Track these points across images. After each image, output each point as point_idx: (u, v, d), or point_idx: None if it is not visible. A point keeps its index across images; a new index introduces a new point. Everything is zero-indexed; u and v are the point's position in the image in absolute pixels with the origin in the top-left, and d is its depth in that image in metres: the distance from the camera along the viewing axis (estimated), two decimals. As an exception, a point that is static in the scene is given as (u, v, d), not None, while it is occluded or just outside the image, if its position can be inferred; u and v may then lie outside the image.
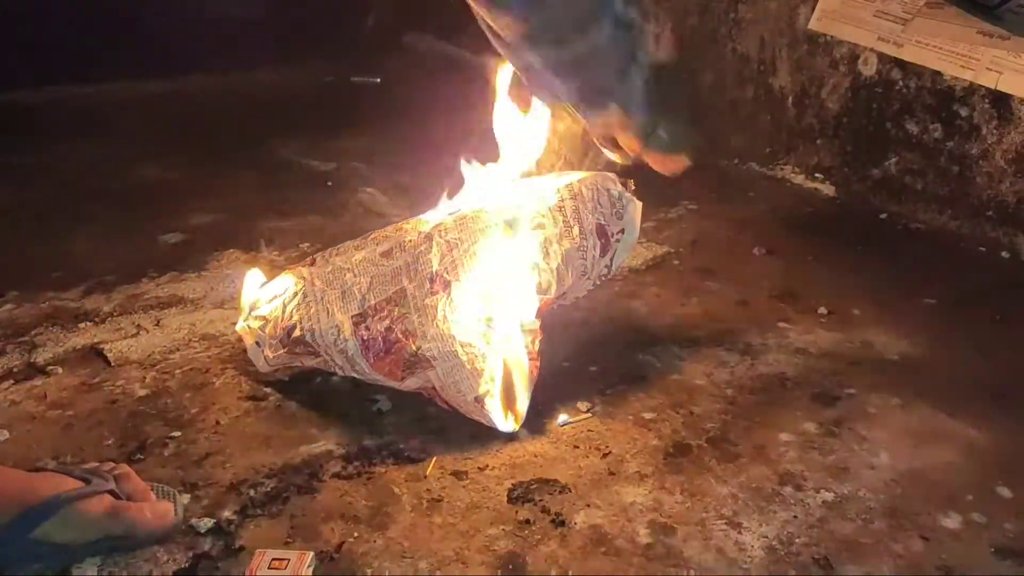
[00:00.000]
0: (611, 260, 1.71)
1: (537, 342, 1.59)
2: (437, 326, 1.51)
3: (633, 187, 1.72)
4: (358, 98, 3.85)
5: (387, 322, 1.53)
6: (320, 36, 4.09)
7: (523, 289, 1.58)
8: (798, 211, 2.72)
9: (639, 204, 1.73)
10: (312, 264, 1.67)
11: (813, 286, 2.18)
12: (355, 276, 1.60)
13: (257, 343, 1.65)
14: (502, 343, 1.54)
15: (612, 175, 1.73)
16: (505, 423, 1.53)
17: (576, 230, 1.63)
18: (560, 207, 1.65)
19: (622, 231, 1.70)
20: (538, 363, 1.59)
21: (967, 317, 2.04)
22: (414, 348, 1.52)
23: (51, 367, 1.72)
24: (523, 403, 1.56)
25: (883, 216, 2.66)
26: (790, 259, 2.35)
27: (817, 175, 2.90)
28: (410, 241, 1.63)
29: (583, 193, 1.67)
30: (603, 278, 1.73)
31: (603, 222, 1.67)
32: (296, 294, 1.61)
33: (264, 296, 1.67)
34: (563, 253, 1.61)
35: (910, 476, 1.48)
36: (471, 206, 1.71)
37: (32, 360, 1.75)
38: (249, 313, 1.67)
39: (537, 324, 1.59)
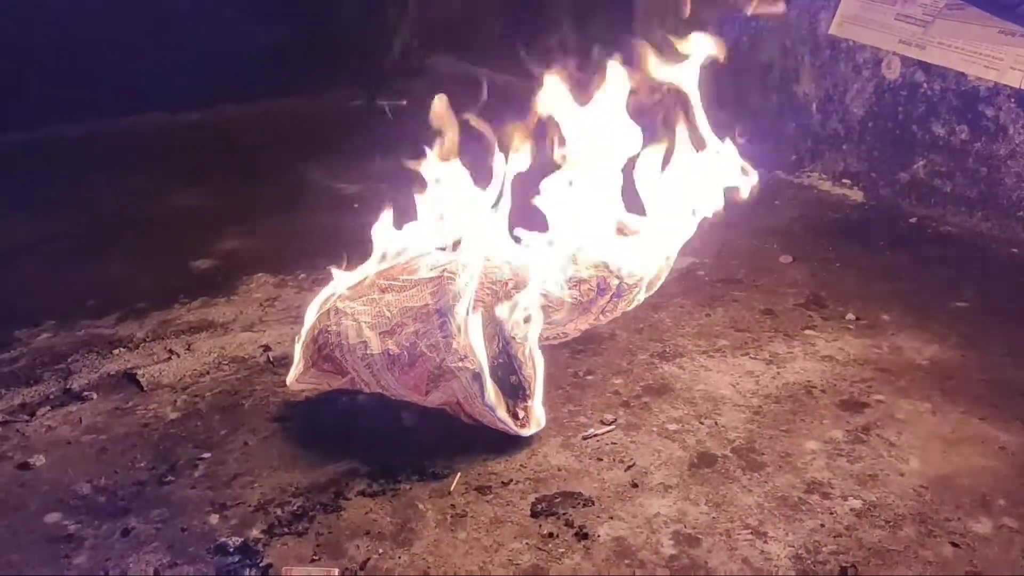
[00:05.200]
0: (615, 298, 1.74)
1: None
2: (461, 340, 1.53)
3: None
4: (385, 121, 3.90)
5: (413, 337, 1.56)
6: (347, 61, 4.15)
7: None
8: (825, 217, 2.70)
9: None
10: (354, 286, 1.70)
11: (841, 292, 2.16)
12: (385, 295, 1.63)
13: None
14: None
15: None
16: (521, 429, 1.55)
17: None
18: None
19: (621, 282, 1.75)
20: None
21: (999, 319, 2.00)
22: (439, 360, 1.53)
23: (86, 393, 1.77)
24: (539, 409, 1.58)
25: (912, 220, 2.63)
26: (817, 266, 2.33)
27: (844, 180, 2.87)
28: (440, 265, 1.65)
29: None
30: (607, 314, 1.76)
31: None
32: (330, 311, 1.63)
33: (312, 311, 1.70)
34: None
35: (940, 482, 1.46)
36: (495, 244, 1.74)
37: (68, 386, 1.79)
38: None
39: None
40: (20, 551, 1.34)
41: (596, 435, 1.59)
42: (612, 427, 1.62)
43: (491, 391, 1.51)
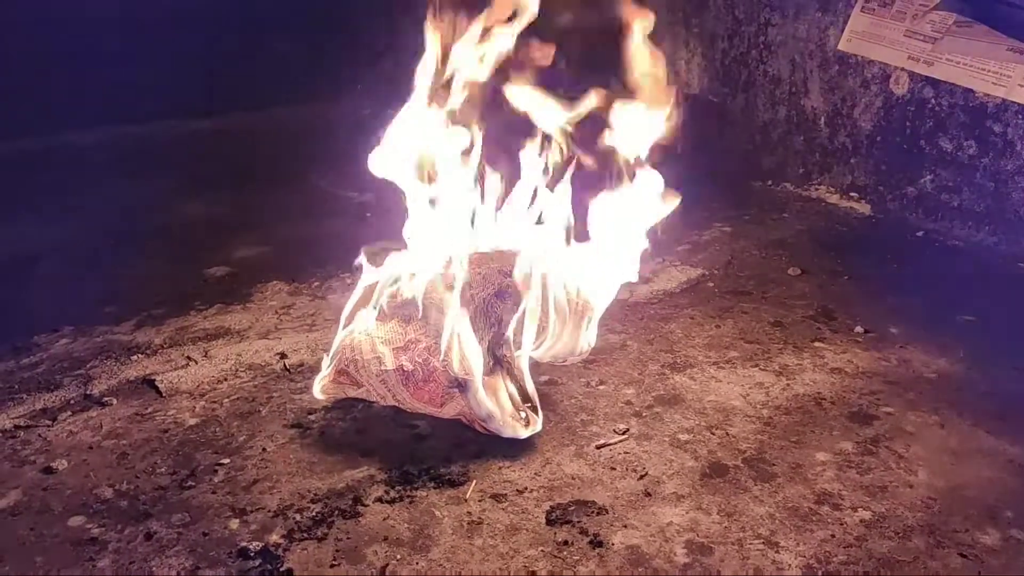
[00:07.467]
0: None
1: None
2: (471, 354, 1.55)
3: None
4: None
5: (425, 353, 1.58)
6: (359, 70, 4.19)
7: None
8: (833, 230, 2.73)
9: None
10: (365, 301, 1.72)
11: (849, 305, 2.19)
12: (397, 310, 1.65)
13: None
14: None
15: None
16: (520, 431, 1.58)
17: None
18: None
19: None
20: None
21: (1006, 333, 2.02)
22: (452, 374, 1.56)
23: (106, 398, 1.79)
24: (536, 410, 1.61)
25: (920, 233, 2.66)
26: (825, 279, 2.36)
27: (852, 194, 2.90)
28: (454, 279, 1.67)
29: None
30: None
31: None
32: (347, 330, 1.66)
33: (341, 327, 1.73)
34: None
35: (949, 493, 1.48)
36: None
37: (88, 392, 1.82)
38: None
39: None
40: (45, 553, 1.36)
41: (609, 444, 1.62)
42: (625, 437, 1.64)
43: (484, 403, 1.54)
